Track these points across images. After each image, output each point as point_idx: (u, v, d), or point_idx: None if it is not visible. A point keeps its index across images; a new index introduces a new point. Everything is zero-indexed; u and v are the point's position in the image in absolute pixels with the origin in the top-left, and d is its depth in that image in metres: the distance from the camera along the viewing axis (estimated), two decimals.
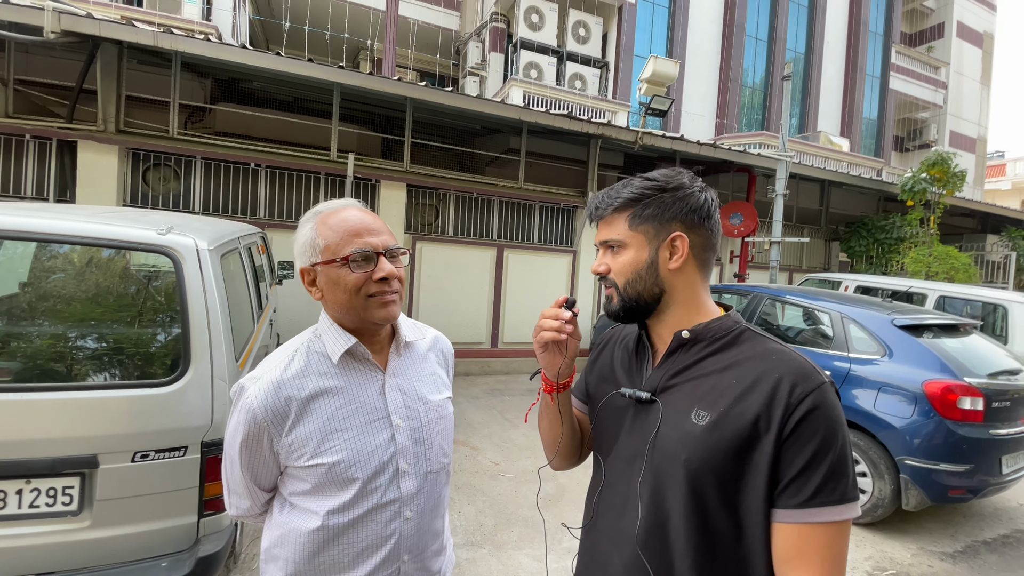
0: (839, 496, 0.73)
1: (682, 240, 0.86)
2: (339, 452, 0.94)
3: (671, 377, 0.87)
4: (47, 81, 6.13)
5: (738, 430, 0.76)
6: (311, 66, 5.31)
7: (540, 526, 3.15)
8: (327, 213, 0.99)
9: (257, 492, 1.01)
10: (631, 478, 0.87)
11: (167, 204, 5.57)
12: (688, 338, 0.87)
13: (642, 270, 0.87)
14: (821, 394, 0.75)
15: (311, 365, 0.98)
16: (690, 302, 0.89)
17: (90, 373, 1.78)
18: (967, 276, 8.14)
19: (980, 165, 19.09)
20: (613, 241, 0.90)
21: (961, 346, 3.67)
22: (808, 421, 0.73)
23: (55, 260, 1.87)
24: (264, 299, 3.63)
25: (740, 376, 0.80)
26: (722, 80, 13.80)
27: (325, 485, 0.94)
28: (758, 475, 0.75)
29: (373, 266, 0.95)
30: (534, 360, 0.96)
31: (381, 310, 0.97)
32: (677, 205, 0.86)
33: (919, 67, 17.23)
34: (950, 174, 8.51)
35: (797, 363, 0.79)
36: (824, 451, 0.73)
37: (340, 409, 0.97)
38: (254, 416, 0.93)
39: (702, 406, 0.81)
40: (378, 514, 0.97)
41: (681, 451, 0.80)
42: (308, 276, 0.98)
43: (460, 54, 12.64)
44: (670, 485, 0.81)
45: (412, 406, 1.04)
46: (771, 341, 0.85)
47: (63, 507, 1.73)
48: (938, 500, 3.27)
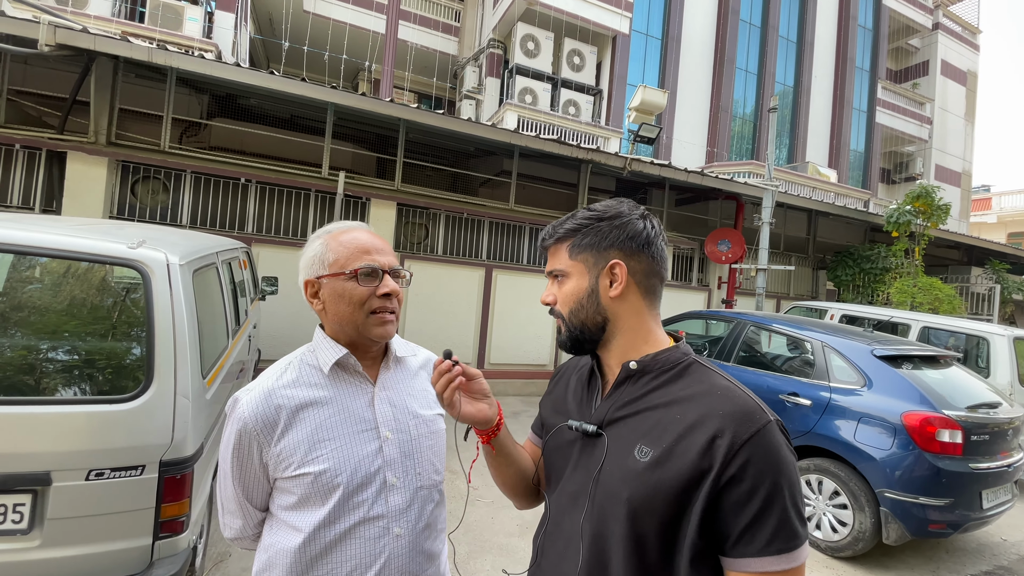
0: (793, 542, 0.70)
1: (620, 267, 0.85)
2: (325, 461, 0.94)
3: (618, 409, 0.84)
4: (42, 92, 6.17)
5: (679, 470, 0.73)
6: (305, 86, 5.37)
7: (515, 554, 3.08)
8: (338, 232, 1.03)
9: (249, 509, 1.01)
10: (575, 516, 0.83)
11: (155, 217, 5.55)
12: (636, 369, 0.85)
13: (583, 299, 0.87)
14: (766, 435, 0.73)
15: (303, 376, 1.00)
16: (636, 331, 0.87)
17: (48, 387, 1.74)
18: (951, 307, 8.22)
19: (965, 198, 19.48)
20: (557, 271, 0.90)
21: (941, 378, 3.68)
22: (752, 465, 0.71)
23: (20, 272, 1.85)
24: (243, 315, 3.60)
25: (684, 412, 0.78)
26: (713, 110, 14.10)
27: (311, 497, 0.94)
28: (692, 519, 0.72)
29: (378, 282, 0.99)
30: (521, 381, 0.95)
31: (379, 327, 1.00)
32: (614, 233, 0.86)
33: (904, 103, 17.71)
34: (934, 207, 8.66)
35: (742, 401, 0.76)
36: (773, 496, 0.70)
37: (329, 419, 0.98)
38: (245, 425, 0.95)
39: (646, 442, 0.78)
40: (365, 529, 0.95)
41: (623, 488, 0.77)
42: (312, 288, 1.01)
43: (457, 77, 12.86)
44: (612, 525, 0.77)
45: (401, 419, 1.04)
46: (718, 376, 0.82)
47: (13, 525, 1.67)
48: (919, 534, 3.23)
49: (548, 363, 7.53)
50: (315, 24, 11.36)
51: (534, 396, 7.13)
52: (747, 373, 4.29)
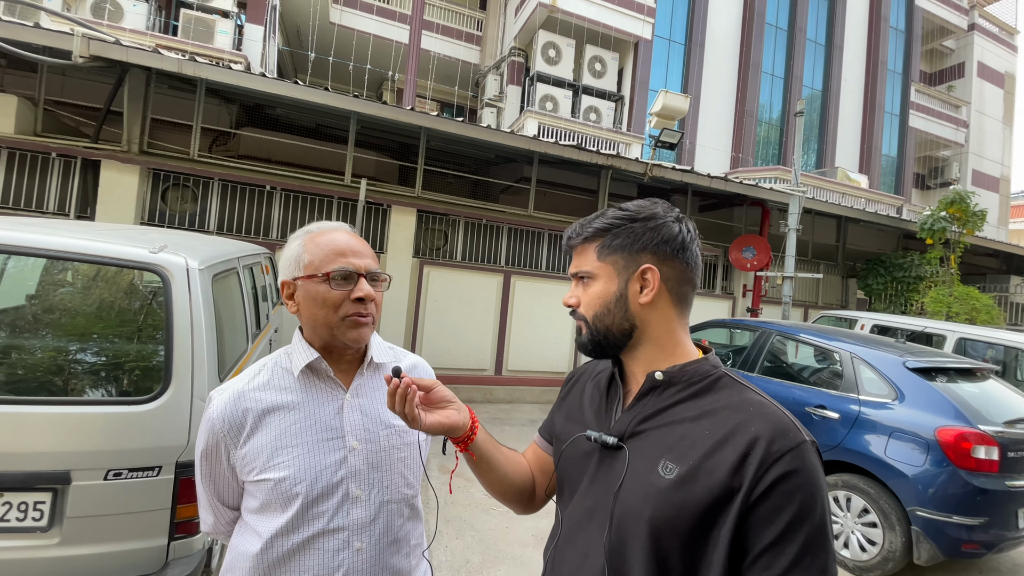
0: (816, 572, 0.65)
1: (652, 272, 0.81)
2: (286, 468, 0.92)
3: (640, 422, 0.80)
4: (78, 103, 6.42)
5: (707, 488, 0.69)
6: (329, 95, 5.47)
7: (529, 565, 3.04)
8: (317, 232, 1.01)
9: (220, 508, 1.00)
10: (591, 533, 0.79)
11: (184, 223, 5.71)
12: (662, 380, 0.80)
13: (611, 303, 0.82)
14: (800, 454, 0.68)
15: (274, 379, 0.99)
16: (665, 340, 0.83)
17: (69, 388, 1.79)
18: (989, 318, 7.88)
19: (1004, 204, 18.74)
20: (583, 272, 0.86)
21: (978, 391, 3.52)
22: (783, 483, 0.66)
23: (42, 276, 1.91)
24: (264, 319, 3.66)
25: (713, 427, 0.73)
26: (737, 115, 13.89)
27: (271, 503, 0.92)
28: (723, 540, 0.68)
29: (352, 286, 0.96)
30: (540, 389, 0.92)
31: (352, 331, 0.97)
32: (648, 235, 0.82)
33: (939, 106, 17.16)
34: (969, 213, 8.34)
35: (776, 418, 0.72)
36: (801, 519, 0.65)
37: (294, 425, 0.95)
38: (212, 426, 0.94)
39: (671, 457, 0.74)
40: (324, 541, 0.93)
41: (645, 507, 0.72)
42: (288, 289, 1.00)
43: (479, 86, 12.96)
44: (632, 544, 0.73)
45: (372, 428, 1.00)
46: (750, 391, 0.78)
47: (33, 522, 1.71)
48: (951, 554, 3.08)
49: (567, 370, 7.46)
50: (340, 35, 11.60)
51: (552, 404, 7.07)
52: (772, 384, 4.17)
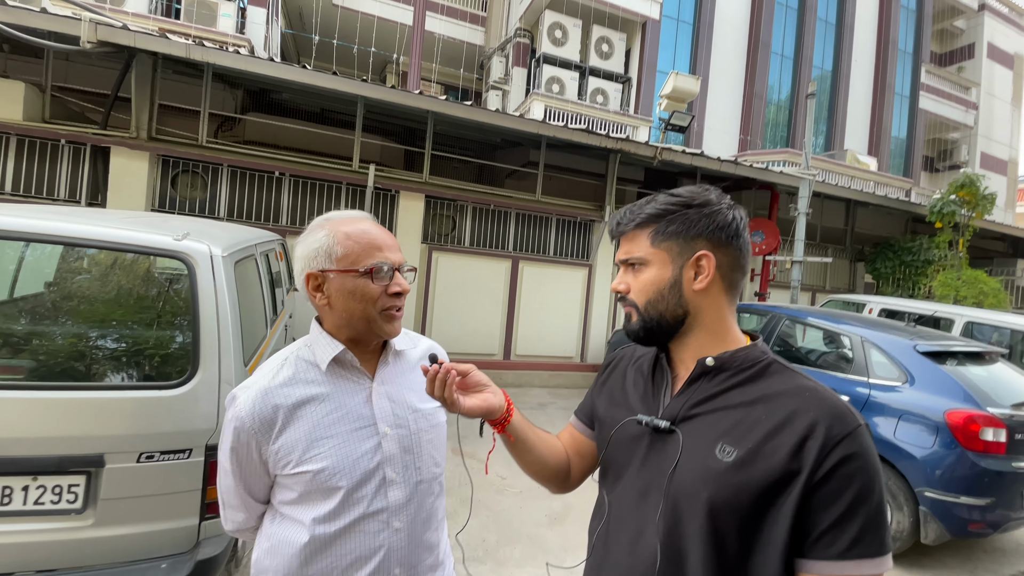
0: (876, 547, 0.69)
1: (708, 259, 0.81)
2: (323, 459, 0.94)
3: (693, 406, 0.82)
4: (84, 88, 6.40)
5: (767, 470, 0.72)
6: (336, 79, 5.43)
7: (544, 544, 3.11)
8: (342, 221, 1.00)
9: (251, 503, 1.02)
10: (646, 512, 0.81)
11: (194, 210, 5.72)
12: (713, 366, 0.82)
13: (664, 289, 0.83)
14: (857, 438, 0.71)
15: (299, 373, 0.99)
16: (716, 326, 0.84)
17: (100, 373, 1.83)
18: (997, 301, 7.87)
19: (1012, 187, 18.53)
20: (634, 259, 0.86)
21: (986, 374, 3.54)
22: (844, 466, 0.69)
23: (70, 265, 1.93)
24: (280, 305, 3.69)
25: (770, 412, 0.75)
26: (746, 97, 13.71)
27: (311, 494, 0.94)
28: (783, 520, 0.71)
29: (389, 281, 0.97)
30: (548, 373, 0.93)
31: (388, 324, 0.99)
32: (703, 222, 0.82)
33: (949, 87, 16.88)
34: (979, 196, 8.27)
35: (833, 403, 0.74)
36: (862, 500, 0.69)
37: (326, 416, 0.97)
38: (242, 423, 0.94)
39: (728, 441, 0.76)
40: (366, 524, 0.96)
41: (703, 488, 0.75)
42: (315, 281, 0.98)
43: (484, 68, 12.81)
44: (688, 523, 0.76)
45: (401, 414, 1.03)
46: (801, 377, 0.80)
47: (68, 505, 1.76)
48: (958, 534, 3.13)
49: (574, 355, 7.51)
50: (344, 18, 11.45)
51: (560, 388, 7.13)
52: None
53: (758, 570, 0.73)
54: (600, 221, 7.40)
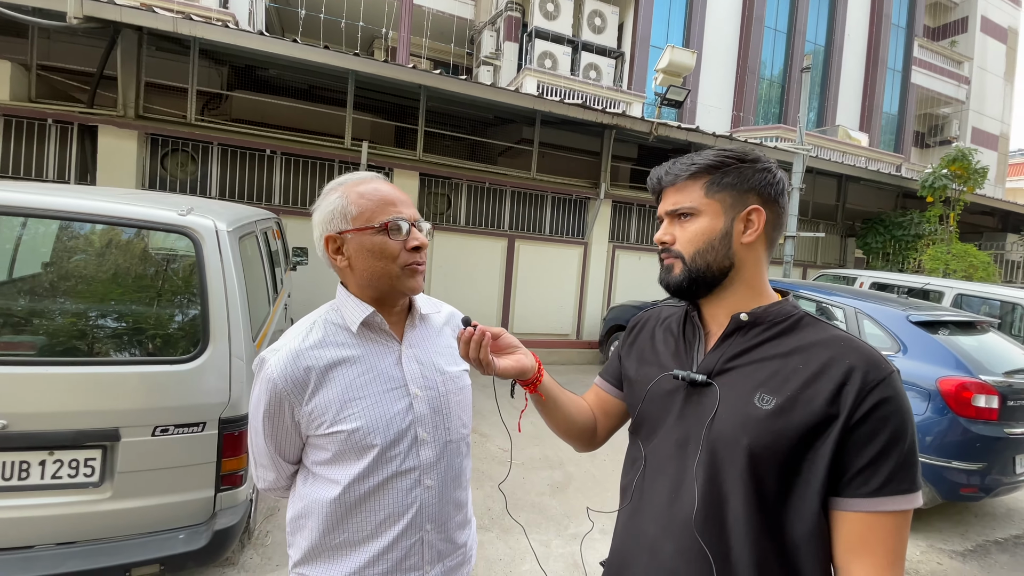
0: (908, 484, 0.72)
1: (759, 214, 0.84)
2: (357, 419, 0.95)
3: (728, 360, 0.84)
4: (68, 67, 6.22)
5: (806, 416, 0.75)
6: (326, 53, 5.32)
7: (547, 512, 3.18)
8: (355, 182, 0.99)
9: (282, 464, 1.02)
10: (684, 462, 0.84)
11: (184, 189, 5.64)
12: (747, 321, 0.84)
13: (715, 240, 0.84)
14: (891, 383, 0.74)
15: (329, 336, 0.99)
16: (754, 281, 0.87)
17: (113, 349, 1.83)
18: (986, 274, 8.00)
19: (1002, 163, 18.69)
20: (685, 209, 0.86)
21: (977, 344, 3.62)
22: (879, 410, 0.72)
23: (78, 240, 1.91)
24: (279, 283, 3.68)
25: (806, 361, 0.78)
26: (739, 72, 13.61)
27: (345, 453, 0.95)
28: (820, 461, 0.74)
29: (406, 235, 0.97)
30: (545, 350, 0.95)
31: (410, 280, 0.99)
32: (757, 177, 0.84)
33: (941, 62, 16.86)
34: (971, 170, 8.34)
35: (866, 351, 0.77)
36: (896, 440, 0.72)
37: (358, 378, 0.97)
38: (275, 386, 0.94)
39: (766, 390, 0.78)
40: (398, 482, 0.98)
41: (742, 436, 0.77)
42: (334, 244, 0.98)
43: (474, 43, 12.58)
44: (728, 470, 0.79)
45: (429, 376, 1.04)
46: (833, 328, 0.83)
47: (85, 478, 1.78)
48: (950, 498, 3.24)
49: (570, 332, 7.57)
50: None
51: (557, 364, 7.20)
52: None
53: (796, 510, 0.76)
54: (595, 199, 7.39)
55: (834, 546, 0.75)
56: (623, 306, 6.97)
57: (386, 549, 0.97)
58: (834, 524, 0.75)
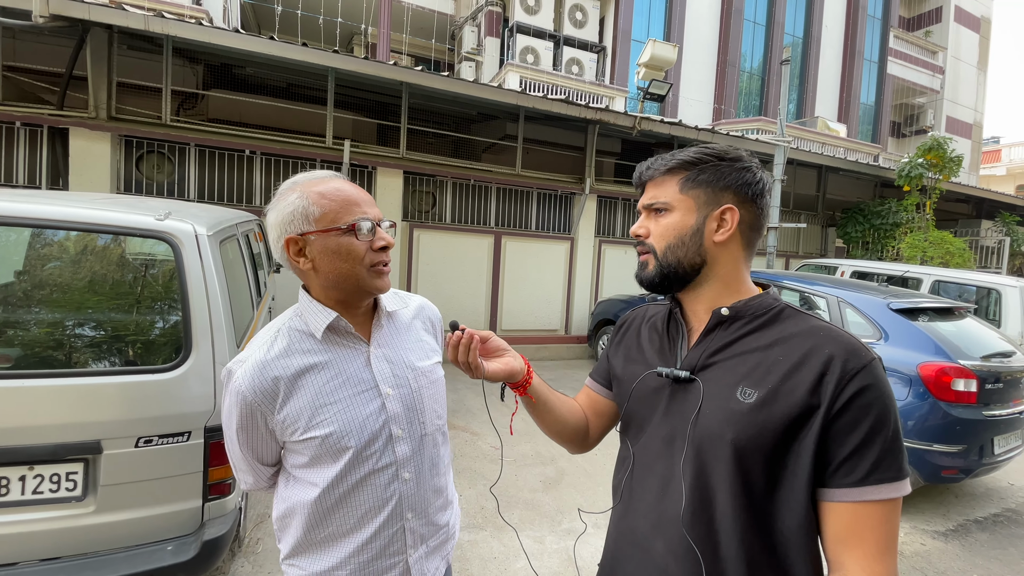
0: (894, 473, 0.71)
1: (732, 213, 0.83)
2: (330, 424, 0.95)
3: (711, 355, 0.84)
4: (36, 67, 6.04)
5: (788, 407, 0.74)
6: (305, 50, 5.24)
7: (540, 509, 3.19)
8: (312, 182, 0.98)
9: (260, 468, 1.03)
10: (671, 459, 0.84)
11: (161, 192, 5.52)
12: (728, 315, 0.84)
13: (686, 236, 0.85)
14: (872, 370, 0.74)
15: (294, 344, 0.98)
16: (730, 278, 0.86)
17: (92, 360, 1.78)
18: (962, 261, 8.19)
19: (976, 151, 19.12)
20: (659, 203, 0.87)
21: (956, 329, 3.70)
22: (860, 398, 0.72)
23: (52, 248, 1.86)
24: (263, 286, 3.62)
25: (787, 353, 0.78)
26: (720, 65, 13.71)
27: (321, 457, 0.96)
28: (805, 453, 0.74)
29: (372, 236, 0.96)
30: (534, 347, 0.96)
31: (377, 280, 0.99)
32: (734, 175, 0.84)
33: (917, 52, 17.16)
34: (946, 159, 8.51)
35: (846, 340, 0.77)
36: (878, 428, 0.71)
37: (327, 383, 0.97)
38: (244, 398, 0.94)
39: (748, 383, 0.78)
40: (376, 478, 0.99)
41: (727, 430, 0.77)
42: (296, 246, 0.96)
43: (455, 39, 12.49)
44: (714, 465, 0.79)
45: (400, 374, 1.04)
46: (814, 318, 0.83)
47: (67, 492, 1.73)
48: (931, 480, 3.32)
49: (559, 328, 7.59)
50: None
51: (546, 360, 7.22)
52: None
53: (784, 503, 0.76)
54: (581, 194, 7.40)
55: (824, 538, 0.75)
56: (610, 300, 7.00)
57: (370, 539, 1.00)
58: (822, 516, 0.75)
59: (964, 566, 2.93)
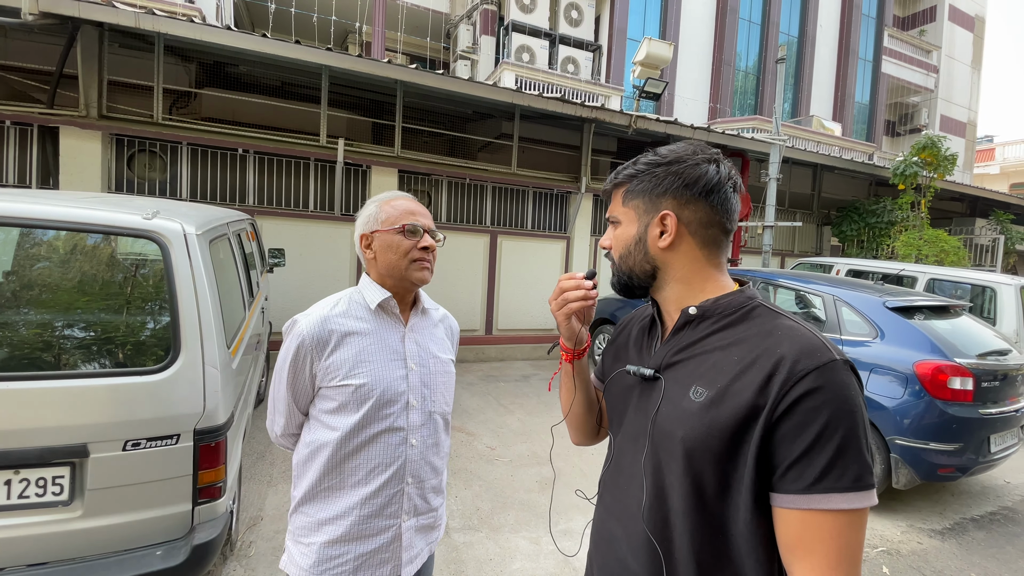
0: (849, 483, 0.66)
1: (670, 218, 0.83)
2: (365, 377, 1.16)
3: (676, 353, 0.84)
4: (26, 65, 5.96)
5: (734, 409, 0.72)
6: (299, 48, 5.19)
7: (536, 510, 3.17)
8: (390, 198, 1.25)
9: (294, 411, 1.21)
10: (636, 456, 0.86)
11: (153, 191, 5.47)
12: (695, 314, 0.84)
13: (631, 246, 0.87)
14: (827, 372, 0.69)
15: (351, 310, 1.22)
16: (691, 279, 0.85)
17: (79, 361, 1.74)
18: (957, 259, 8.21)
19: (969, 149, 19.21)
20: (612, 217, 0.92)
21: (951, 327, 3.70)
22: (807, 400, 0.68)
23: (40, 248, 1.82)
24: (255, 286, 3.59)
25: (742, 353, 0.76)
26: (715, 64, 13.72)
27: (349, 404, 1.15)
28: (748, 456, 0.71)
29: (419, 237, 1.21)
30: (530, 346, 0.96)
31: (418, 272, 1.22)
32: (669, 180, 0.83)
33: (911, 51, 17.22)
34: (941, 157, 8.54)
35: (805, 339, 0.73)
36: (829, 433, 0.67)
37: (369, 346, 1.19)
38: (303, 340, 1.15)
39: (701, 383, 0.78)
40: (389, 436, 1.18)
41: (678, 429, 0.77)
42: (366, 241, 1.23)
43: (451, 37, 12.45)
44: (669, 463, 0.79)
45: (423, 357, 1.26)
46: (784, 318, 0.79)
47: (53, 497, 1.70)
48: (928, 478, 3.32)
49: (555, 327, 7.56)
50: None
51: (542, 360, 7.20)
52: None
53: (734, 508, 0.74)
54: (576, 192, 7.38)
55: (778, 544, 0.72)
56: (607, 299, 6.98)
57: (373, 494, 1.16)
58: (775, 521, 0.72)
59: (961, 565, 2.93)
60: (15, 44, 5.98)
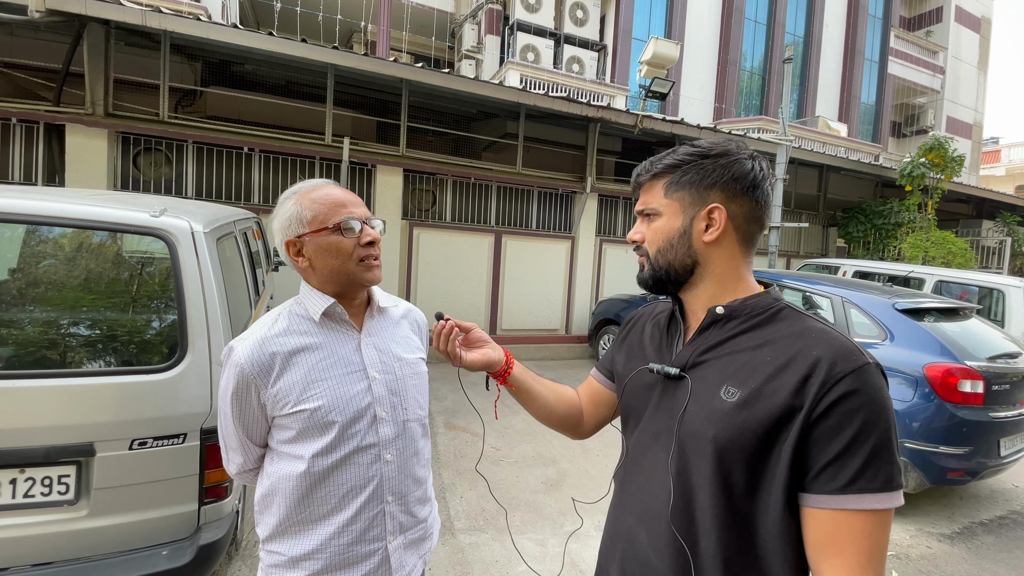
0: (881, 483, 0.68)
1: (719, 212, 0.81)
2: (319, 399, 1.02)
3: (702, 353, 0.83)
4: (32, 63, 5.98)
5: (769, 409, 0.73)
6: (305, 47, 5.19)
7: (542, 511, 3.15)
8: (307, 190, 1.07)
9: (249, 446, 1.08)
10: (658, 455, 0.85)
11: (159, 189, 5.47)
12: (723, 314, 0.83)
13: (674, 239, 0.84)
14: (862, 375, 0.70)
15: (293, 325, 1.06)
16: (727, 277, 0.84)
17: (85, 359, 1.73)
18: (964, 261, 8.16)
19: (976, 151, 19.11)
20: (648, 209, 0.88)
21: (961, 330, 3.67)
22: (844, 403, 0.69)
23: (47, 245, 1.81)
24: (261, 285, 3.58)
25: (775, 354, 0.76)
26: (721, 64, 13.67)
27: (308, 430, 1.02)
28: (784, 455, 0.72)
29: (359, 233, 1.05)
30: (534, 346, 0.96)
31: (368, 272, 1.07)
32: (718, 172, 0.82)
33: (917, 52, 17.14)
34: (948, 159, 8.48)
35: (838, 342, 0.74)
36: (864, 435, 0.68)
37: (320, 362, 1.05)
38: (242, 370, 1.00)
39: (732, 383, 0.77)
40: (360, 456, 1.05)
41: (709, 428, 0.77)
42: (294, 247, 1.06)
43: (455, 37, 12.44)
44: (697, 462, 0.79)
45: (387, 362, 1.12)
46: (812, 320, 0.80)
47: (59, 496, 1.69)
48: (937, 482, 3.28)
49: (559, 327, 7.55)
50: None
51: (546, 360, 7.18)
52: None
53: (763, 507, 0.75)
54: (581, 192, 7.36)
55: (806, 544, 0.73)
56: (612, 300, 6.96)
57: (350, 520, 1.04)
58: (804, 521, 0.73)
59: (971, 569, 2.90)
60: (22, 42, 5.99)
